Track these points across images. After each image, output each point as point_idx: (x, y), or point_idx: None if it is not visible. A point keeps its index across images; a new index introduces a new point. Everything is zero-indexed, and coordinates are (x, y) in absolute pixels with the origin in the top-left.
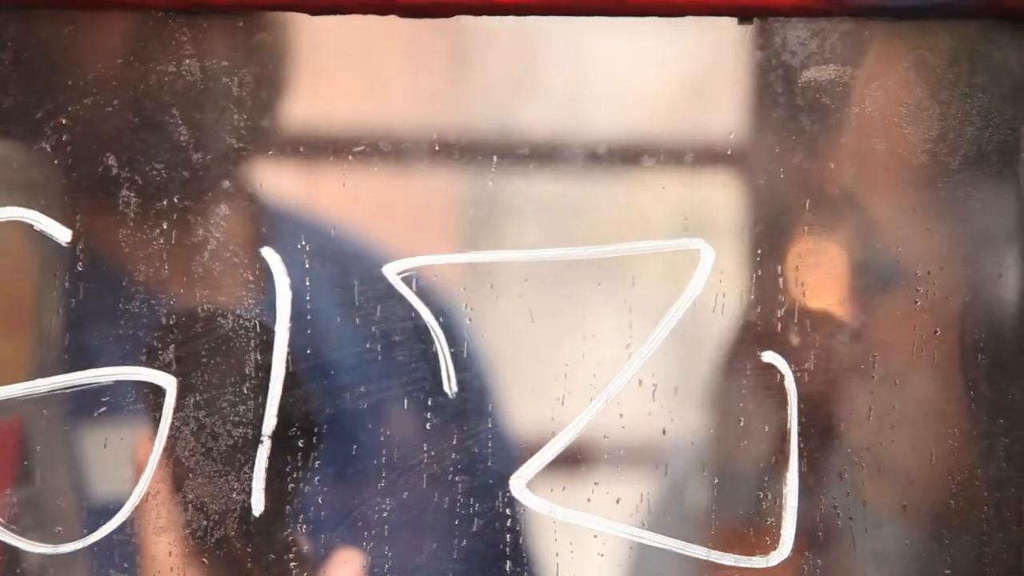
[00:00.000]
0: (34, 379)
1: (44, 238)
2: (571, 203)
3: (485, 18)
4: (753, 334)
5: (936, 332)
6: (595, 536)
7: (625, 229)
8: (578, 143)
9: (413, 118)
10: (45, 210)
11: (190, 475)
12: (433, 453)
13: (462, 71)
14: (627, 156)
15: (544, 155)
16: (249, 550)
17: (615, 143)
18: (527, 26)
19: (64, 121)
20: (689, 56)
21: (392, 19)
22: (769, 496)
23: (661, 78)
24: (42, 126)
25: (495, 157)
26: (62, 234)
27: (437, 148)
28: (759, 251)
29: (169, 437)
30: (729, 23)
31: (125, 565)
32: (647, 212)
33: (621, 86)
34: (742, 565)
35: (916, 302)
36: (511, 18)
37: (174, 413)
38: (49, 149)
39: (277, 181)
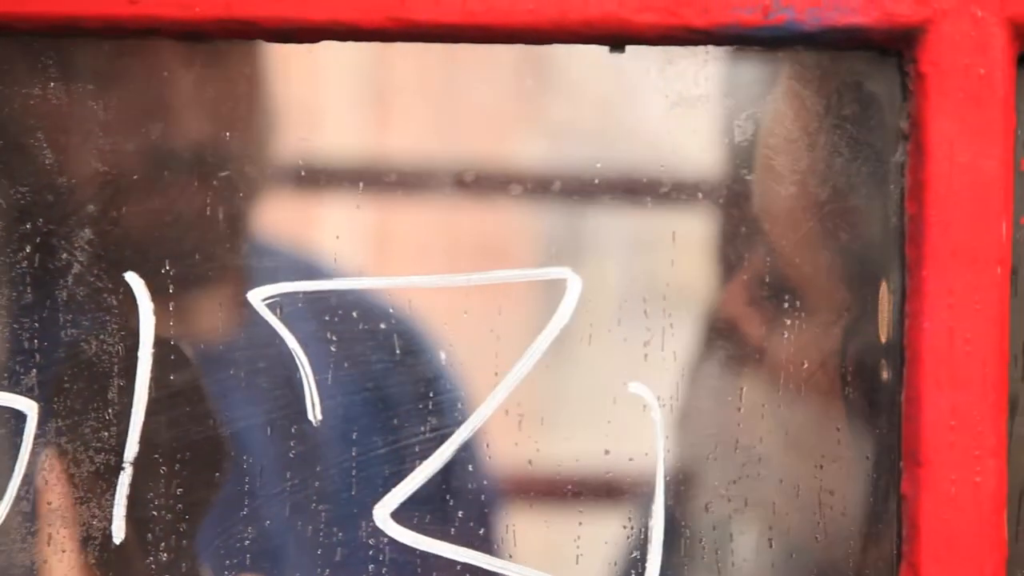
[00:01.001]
0: None
1: None
2: (438, 230)
3: (349, 43)
4: (620, 364)
5: (804, 364)
6: (459, 567)
7: (492, 257)
8: (446, 170)
9: (280, 143)
10: None
11: (50, 502)
12: (296, 481)
13: (321, 96)
14: (494, 184)
15: (411, 182)
16: None
17: (482, 170)
18: (387, 52)
19: None
20: (557, 84)
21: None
22: (634, 528)
23: (530, 106)
24: None
25: (361, 183)
26: None
27: (303, 173)
28: (626, 281)
29: (29, 463)
30: (599, 51)
31: None
32: (515, 240)
33: (490, 114)
34: None
35: (784, 334)
36: (376, 44)
37: (35, 439)
38: None
39: (143, 205)
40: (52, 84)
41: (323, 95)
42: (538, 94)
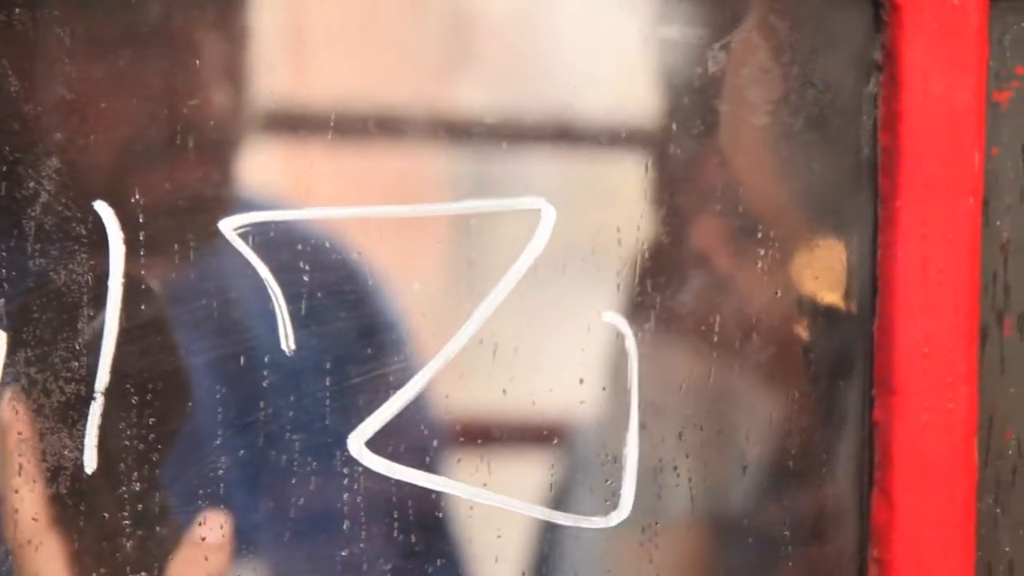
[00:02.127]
0: None
1: None
2: (411, 163)
3: None
4: (594, 294)
5: (777, 294)
6: (434, 496)
7: (465, 187)
8: (420, 103)
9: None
10: None
11: (20, 432)
12: (270, 411)
13: (290, 37)
14: (467, 116)
15: (385, 115)
16: (82, 508)
17: (457, 103)
18: None
19: None
20: (532, 15)
21: None
22: (608, 456)
23: (504, 38)
24: None
25: (333, 116)
26: None
27: (274, 105)
28: (600, 211)
29: None
30: None
31: None
32: (488, 171)
33: (463, 47)
34: (582, 525)
35: (757, 263)
36: None
37: (3, 368)
38: None
39: (110, 133)
40: (17, 10)
41: (291, 38)
42: (507, 26)
